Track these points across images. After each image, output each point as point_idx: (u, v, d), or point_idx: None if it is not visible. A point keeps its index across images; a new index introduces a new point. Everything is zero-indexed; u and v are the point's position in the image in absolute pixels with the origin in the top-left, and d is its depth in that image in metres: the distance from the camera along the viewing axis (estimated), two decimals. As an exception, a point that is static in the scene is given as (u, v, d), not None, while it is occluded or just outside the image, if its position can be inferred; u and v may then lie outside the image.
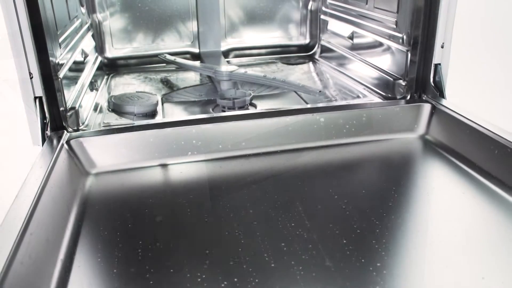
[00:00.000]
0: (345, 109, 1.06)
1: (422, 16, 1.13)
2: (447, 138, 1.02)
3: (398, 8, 1.23)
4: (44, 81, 0.96)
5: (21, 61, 0.94)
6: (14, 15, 0.91)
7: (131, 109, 1.24)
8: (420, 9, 1.13)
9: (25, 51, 0.94)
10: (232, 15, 1.73)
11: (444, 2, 1.09)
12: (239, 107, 1.27)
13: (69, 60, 1.16)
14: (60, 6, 1.15)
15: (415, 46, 1.16)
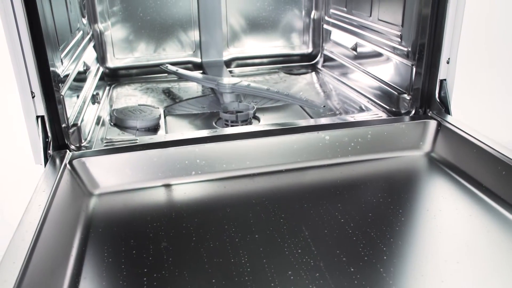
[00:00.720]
0: (350, 127, 1.05)
1: (428, 31, 1.12)
2: (454, 156, 1.01)
3: (403, 21, 1.22)
4: (46, 100, 0.96)
5: (23, 80, 0.92)
6: (16, 33, 0.90)
7: (134, 123, 1.23)
8: (425, 23, 1.12)
9: (27, 70, 0.92)
10: (234, 24, 1.72)
11: (450, 17, 1.08)
12: (242, 121, 1.27)
13: (71, 76, 1.15)
14: (61, 21, 1.14)
15: (420, 61, 1.15)
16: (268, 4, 1.70)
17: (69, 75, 1.14)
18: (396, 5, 1.25)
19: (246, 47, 1.75)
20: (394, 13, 1.27)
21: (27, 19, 0.89)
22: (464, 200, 0.89)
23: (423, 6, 1.13)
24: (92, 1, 1.57)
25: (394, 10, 1.27)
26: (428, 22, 1.11)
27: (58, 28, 1.09)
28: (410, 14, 1.19)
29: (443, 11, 1.08)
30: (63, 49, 1.12)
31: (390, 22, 1.28)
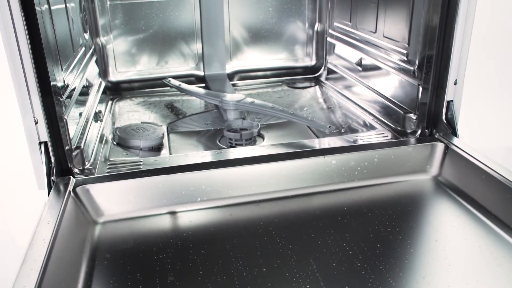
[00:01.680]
0: (357, 150, 1.04)
1: (435, 51, 1.10)
2: (461, 181, 1.00)
3: (409, 40, 1.21)
4: (49, 125, 0.94)
5: (26, 105, 0.91)
6: (18, 59, 0.88)
7: (137, 143, 1.22)
8: (432, 43, 1.11)
9: (30, 96, 0.91)
10: (237, 36, 1.70)
11: (458, 38, 1.06)
12: (246, 140, 1.25)
13: (74, 96, 1.14)
14: (64, 42, 1.12)
15: (427, 81, 1.14)
16: (271, 16, 1.69)
17: (72, 96, 1.12)
18: (402, 23, 1.24)
19: (249, 59, 1.73)
20: (400, 31, 1.25)
21: (29, 43, 0.88)
22: (473, 229, 0.88)
23: (430, 25, 1.11)
24: (94, 15, 1.56)
25: (400, 28, 1.25)
26: (435, 42, 1.10)
27: (60, 49, 1.07)
28: (417, 33, 1.18)
29: (450, 31, 1.07)
30: (66, 70, 1.11)
31: (396, 40, 1.27)
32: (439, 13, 1.07)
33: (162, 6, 1.60)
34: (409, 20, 1.21)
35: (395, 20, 1.27)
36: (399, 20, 1.26)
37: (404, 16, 1.23)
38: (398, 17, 1.26)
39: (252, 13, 1.68)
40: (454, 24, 1.05)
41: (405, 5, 1.21)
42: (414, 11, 1.18)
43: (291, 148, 1.14)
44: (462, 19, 1.05)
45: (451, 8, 1.05)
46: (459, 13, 1.04)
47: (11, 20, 0.86)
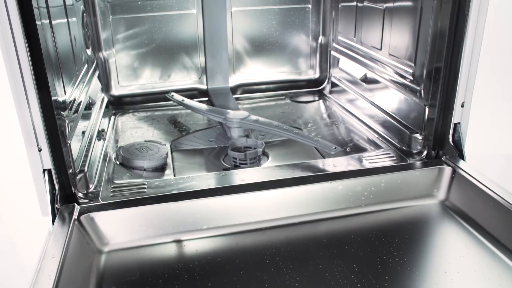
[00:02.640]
0: (363, 175, 1.03)
1: (442, 73, 1.09)
2: (469, 207, 0.99)
3: (416, 60, 1.20)
4: (53, 153, 0.93)
5: (29, 134, 0.90)
6: (22, 88, 0.87)
7: (141, 163, 1.21)
8: (439, 64, 1.09)
9: (33, 124, 0.90)
10: (240, 50, 1.69)
11: (466, 60, 1.05)
12: (251, 159, 1.24)
13: (77, 119, 1.12)
14: (66, 63, 1.11)
15: (434, 102, 1.13)
16: (274, 29, 1.68)
17: (75, 117, 1.11)
18: (408, 41, 1.23)
19: (252, 73, 1.72)
20: (406, 49, 1.24)
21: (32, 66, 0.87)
22: (482, 260, 0.87)
23: (437, 46, 1.10)
24: (96, 29, 1.55)
25: (406, 46, 1.24)
26: (443, 64, 1.08)
27: (63, 70, 1.06)
28: (423, 53, 1.17)
29: (458, 53, 1.06)
30: (69, 91, 1.09)
31: (402, 58, 1.26)
32: (446, 33, 1.06)
33: (165, 19, 1.59)
34: (416, 39, 1.19)
35: (401, 38, 1.26)
36: (405, 39, 1.24)
37: (410, 34, 1.22)
38: (404, 36, 1.25)
39: (255, 26, 1.66)
40: (462, 45, 1.04)
41: (411, 24, 1.20)
42: (420, 30, 1.17)
43: (297, 169, 1.13)
44: (470, 41, 1.04)
45: (459, 28, 1.04)
46: (467, 35, 1.03)
47: (15, 49, 0.85)
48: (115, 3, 1.54)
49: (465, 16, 1.01)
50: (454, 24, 1.05)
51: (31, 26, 0.85)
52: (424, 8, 1.14)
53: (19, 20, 0.83)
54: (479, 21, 1.02)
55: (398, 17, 1.26)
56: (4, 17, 0.82)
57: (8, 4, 0.81)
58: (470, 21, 1.02)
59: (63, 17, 1.15)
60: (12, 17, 0.82)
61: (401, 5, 1.25)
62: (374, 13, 1.38)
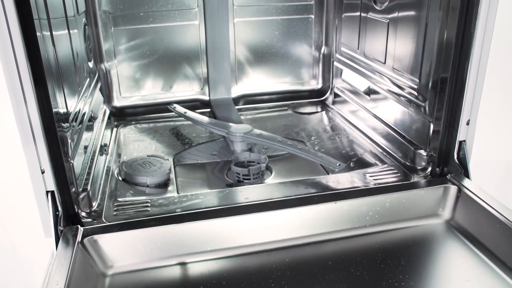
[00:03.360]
0: (368, 195, 1.02)
1: (447, 90, 1.08)
2: (475, 228, 0.98)
3: (420, 76, 1.19)
4: (56, 174, 0.93)
5: (32, 156, 0.89)
6: (24, 109, 0.86)
7: (143, 180, 1.20)
8: (444, 82, 1.09)
9: (36, 147, 0.89)
10: (242, 60, 1.68)
11: (472, 78, 1.04)
12: (254, 174, 1.24)
13: (80, 136, 1.12)
14: (69, 83, 1.10)
15: (439, 119, 1.12)
16: (277, 40, 1.67)
17: (78, 134, 1.10)
18: (413, 56, 1.22)
19: (254, 83, 1.71)
20: (411, 65, 1.23)
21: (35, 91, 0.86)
22: (489, 283, 0.86)
23: (442, 63, 1.09)
24: (98, 40, 1.54)
25: (411, 62, 1.23)
26: (448, 82, 1.07)
27: (65, 88, 1.05)
28: (428, 69, 1.16)
29: (463, 70, 1.05)
30: (71, 109, 1.08)
31: (406, 73, 1.25)
32: (452, 49, 1.05)
33: (167, 30, 1.58)
34: (420, 54, 1.18)
35: (405, 52, 1.25)
36: (410, 53, 1.23)
37: (414, 49, 1.21)
38: (408, 50, 1.24)
39: (257, 36, 1.65)
40: (467, 62, 1.03)
41: (416, 39, 1.19)
42: (425, 46, 1.16)
43: (300, 186, 1.13)
44: (476, 58, 1.03)
45: (464, 45, 1.03)
46: (473, 52, 1.02)
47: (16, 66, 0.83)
48: (117, 14, 1.53)
49: (471, 35, 1.00)
50: (460, 40, 1.04)
51: (31, 38, 0.83)
52: (429, 24, 1.13)
53: (19, 31, 0.81)
54: (485, 39, 1.01)
55: (403, 31, 1.25)
56: (4, 29, 0.80)
57: (8, 16, 0.79)
58: (477, 38, 1.01)
59: (64, 29, 1.14)
60: (12, 28, 0.80)
61: (405, 19, 1.24)
62: (378, 25, 1.37)
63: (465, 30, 1.03)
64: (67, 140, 0.99)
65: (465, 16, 1.02)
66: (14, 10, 0.80)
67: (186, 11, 1.57)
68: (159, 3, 1.54)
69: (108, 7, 1.51)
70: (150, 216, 1.02)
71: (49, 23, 0.98)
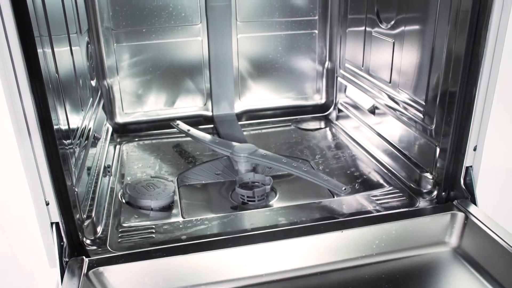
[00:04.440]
0: (374, 223, 1.01)
1: (454, 115, 1.07)
2: (482, 257, 0.98)
3: (427, 98, 1.18)
4: (60, 206, 0.92)
5: (36, 188, 0.89)
6: (29, 143, 0.85)
7: (148, 203, 1.19)
8: (452, 107, 1.08)
9: (40, 178, 0.88)
10: (246, 75, 1.67)
11: (479, 103, 1.03)
12: (259, 196, 1.23)
13: (84, 161, 1.11)
14: (71, 102, 1.09)
15: (445, 144, 1.11)
16: (280, 55, 1.66)
17: (82, 162, 1.09)
18: (419, 78, 1.21)
19: (258, 98, 1.70)
20: (417, 86, 1.22)
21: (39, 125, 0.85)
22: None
23: (450, 85, 1.08)
24: (101, 56, 1.52)
25: (417, 84, 1.22)
26: (455, 106, 1.07)
27: (70, 115, 1.04)
28: (435, 92, 1.15)
29: (470, 96, 1.04)
30: (76, 138, 1.07)
31: (412, 95, 1.24)
32: (459, 75, 1.04)
33: (170, 46, 1.57)
34: (427, 75, 1.17)
35: (411, 73, 1.24)
36: (416, 75, 1.22)
37: (421, 71, 1.20)
38: (414, 72, 1.23)
39: (261, 52, 1.64)
40: (475, 88, 1.02)
41: (423, 61, 1.18)
42: (432, 69, 1.15)
43: (306, 211, 1.12)
44: (484, 84, 1.02)
45: (472, 70, 1.02)
46: (482, 77, 1.01)
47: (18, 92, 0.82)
48: (120, 31, 1.52)
49: (479, 63, 0.99)
50: (467, 68, 1.03)
51: (32, 56, 0.81)
52: (436, 47, 1.12)
53: (20, 49, 0.79)
54: (494, 64, 1.01)
55: (408, 52, 1.24)
56: (4, 47, 0.78)
57: (8, 34, 0.77)
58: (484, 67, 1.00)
59: (66, 46, 1.13)
60: (12, 47, 0.78)
61: (411, 40, 1.23)
62: (383, 44, 1.36)
63: (472, 57, 1.02)
64: (71, 167, 0.98)
65: (473, 42, 1.01)
66: (14, 28, 0.77)
67: (189, 27, 1.56)
68: (161, 19, 1.53)
69: (110, 23, 1.50)
70: (155, 243, 1.02)
71: (51, 41, 0.96)
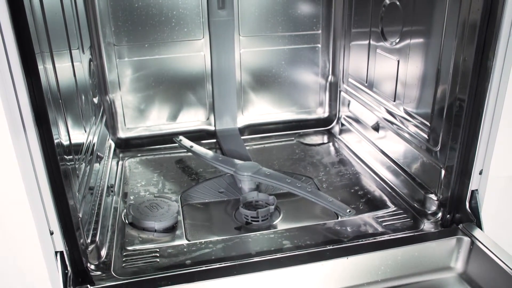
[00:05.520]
0: (380, 249, 1.01)
1: (460, 139, 1.07)
2: (488, 283, 0.97)
3: (432, 119, 1.17)
4: (65, 234, 0.91)
5: (40, 218, 0.88)
6: (33, 175, 0.85)
7: (151, 224, 1.18)
8: (457, 131, 1.07)
9: (44, 208, 0.88)
10: (249, 90, 1.67)
11: (486, 127, 1.03)
12: (263, 216, 1.22)
13: (88, 184, 1.10)
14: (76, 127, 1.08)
15: (451, 166, 1.11)
16: (283, 69, 1.65)
17: (86, 185, 1.09)
18: (424, 98, 1.20)
19: (260, 113, 1.70)
20: (422, 106, 1.21)
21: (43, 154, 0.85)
22: None
23: (455, 107, 1.07)
24: (103, 72, 1.52)
25: (422, 103, 1.21)
26: (461, 131, 1.06)
27: (73, 138, 1.03)
28: (440, 114, 1.14)
29: (477, 117, 1.03)
30: (79, 163, 1.06)
31: (417, 115, 1.23)
32: (466, 96, 1.03)
33: (173, 61, 1.56)
34: (432, 96, 1.16)
35: (417, 93, 1.23)
36: (421, 95, 1.22)
37: (427, 91, 1.19)
38: (420, 91, 1.22)
39: (264, 66, 1.64)
40: (482, 110, 1.01)
41: (428, 79, 1.18)
42: (438, 89, 1.14)
43: (310, 233, 1.12)
44: (491, 105, 1.01)
45: (478, 92, 1.02)
46: (489, 98, 1.00)
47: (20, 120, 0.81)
48: (122, 46, 1.51)
49: (485, 91, 0.99)
50: (474, 90, 1.02)
51: (32, 71, 0.79)
52: (442, 67, 1.11)
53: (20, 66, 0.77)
54: (501, 89, 1.00)
55: (414, 70, 1.23)
56: (4, 64, 0.76)
57: (8, 51, 0.76)
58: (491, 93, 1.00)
59: (67, 62, 1.11)
60: (12, 63, 0.77)
61: (417, 58, 1.22)
62: (387, 61, 1.35)
63: (478, 84, 1.01)
64: (74, 192, 0.98)
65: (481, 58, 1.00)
66: (14, 44, 0.76)
67: (192, 41, 1.55)
68: (164, 34, 1.52)
69: (112, 39, 1.49)
70: (160, 268, 1.02)
71: (52, 56, 0.95)
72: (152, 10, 1.49)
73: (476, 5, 0.97)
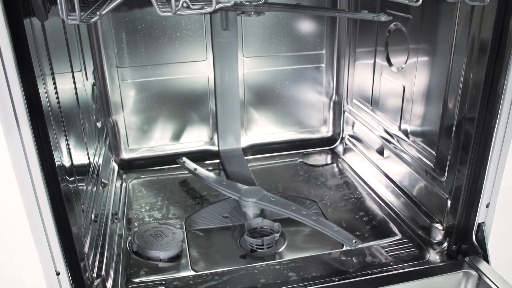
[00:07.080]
0: (388, 284, 1.00)
1: (467, 171, 1.06)
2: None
3: (438, 149, 1.17)
4: (71, 274, 0.91)
5: (47, 259, 0.87)
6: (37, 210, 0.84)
7: (156, 254, 1.18)
8: (463, 162, 1.06)
9: (50, 247, 0.87)
10: (252, 110, 1.66)
11: (494, 158, 1.02)
12: (268, 244, 1.22)
13: (92, 216, 1.09)
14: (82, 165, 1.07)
15: (457, 197, 1.10)
16: (287, 89, 1.64)
17: (90, 217, 1.08)
18: (431, 127, 1.19)
19: (264, 132, 1.69)
20: (428, 135, 1.21)
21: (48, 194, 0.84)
22: None
23: (462, 143, 1.07)
24: (106, 94, 1.51)
25: (428, 132, 1.21)
26: (468, 163, 1.05)
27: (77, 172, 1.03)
28: (447, 144, 1.13)
29: (484, 150, 1.03)
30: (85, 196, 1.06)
31: (424, 144, 1.23)
32: (474, 127, 1.02)
33: (176, 82, 1.55)
34: (439, 124, 1.16)
35: (422, 122, 1.23)
36: (427, 124, 1.21)
37: (433, 120, 1.18)
38: (426, 119, 1.21)
39: (268, 86, 1.63)
40: (490, 141, 1.00)
41: (435, 111, 1.17)
42: (444, 119, 1.14)
43: (316, 264, 1.12)
44: (499, 141, 1.01)
45: (485, 127, 1.01)
46: (497, 135, 1.00)
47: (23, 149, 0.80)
48: (125, 67, 1.50)
49: (492, 126, 0.98)
50: (482, 121, 1.02)
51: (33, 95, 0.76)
52: (449, 97, 1.11)
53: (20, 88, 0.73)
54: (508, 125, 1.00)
55: (420, 97, 1.23)
56: (4, 89, 0.73)
57: (9, 75, 0.72)
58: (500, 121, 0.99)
59: (70, 84, 1.10)
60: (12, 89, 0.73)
61: (423, 83, 1.21)
62: (392, 85, 1.35)
63: (486, 114, 1.01)
64: (81, 227, 0.97)
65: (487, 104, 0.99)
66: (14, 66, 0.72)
67: (195, 63, 1.54)
68: (167, 56, 1.51)
69: (115, 61, 1.48)
70: (166, 302, 1.02)
71: (54, 79, 0.92)
72: (155, 31, 1.48)
73: (488, 21, 0.94)
